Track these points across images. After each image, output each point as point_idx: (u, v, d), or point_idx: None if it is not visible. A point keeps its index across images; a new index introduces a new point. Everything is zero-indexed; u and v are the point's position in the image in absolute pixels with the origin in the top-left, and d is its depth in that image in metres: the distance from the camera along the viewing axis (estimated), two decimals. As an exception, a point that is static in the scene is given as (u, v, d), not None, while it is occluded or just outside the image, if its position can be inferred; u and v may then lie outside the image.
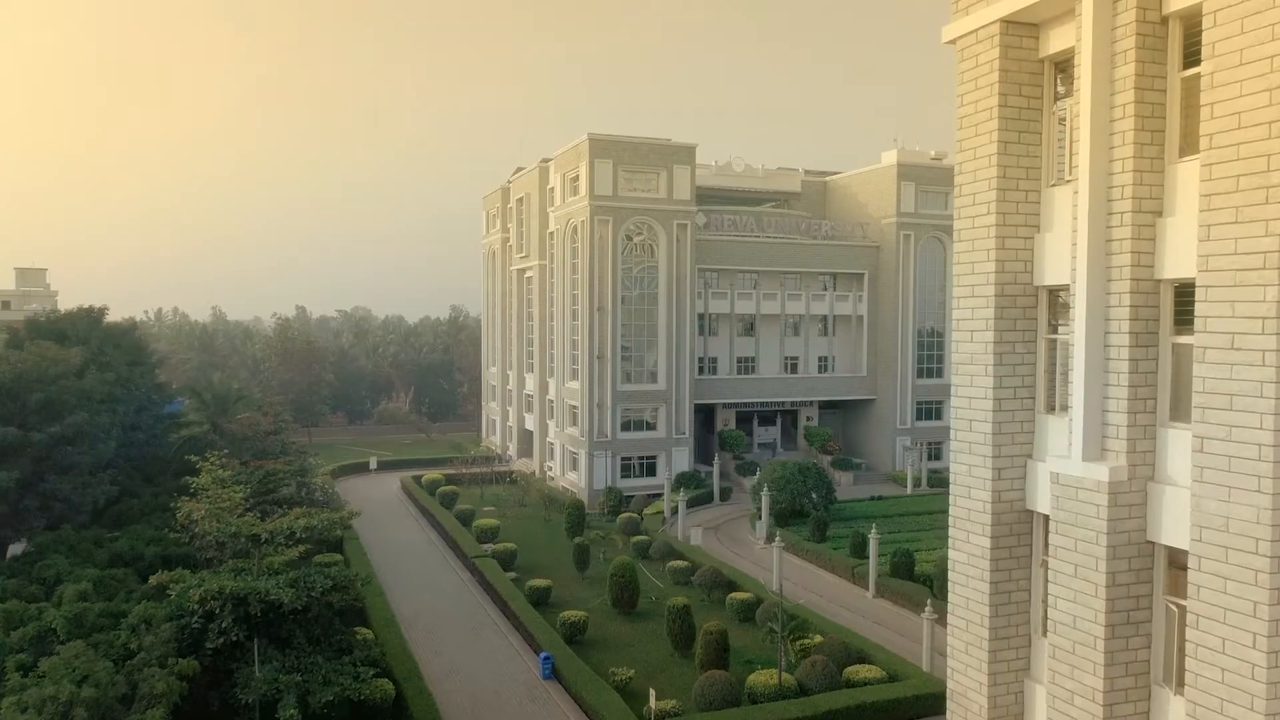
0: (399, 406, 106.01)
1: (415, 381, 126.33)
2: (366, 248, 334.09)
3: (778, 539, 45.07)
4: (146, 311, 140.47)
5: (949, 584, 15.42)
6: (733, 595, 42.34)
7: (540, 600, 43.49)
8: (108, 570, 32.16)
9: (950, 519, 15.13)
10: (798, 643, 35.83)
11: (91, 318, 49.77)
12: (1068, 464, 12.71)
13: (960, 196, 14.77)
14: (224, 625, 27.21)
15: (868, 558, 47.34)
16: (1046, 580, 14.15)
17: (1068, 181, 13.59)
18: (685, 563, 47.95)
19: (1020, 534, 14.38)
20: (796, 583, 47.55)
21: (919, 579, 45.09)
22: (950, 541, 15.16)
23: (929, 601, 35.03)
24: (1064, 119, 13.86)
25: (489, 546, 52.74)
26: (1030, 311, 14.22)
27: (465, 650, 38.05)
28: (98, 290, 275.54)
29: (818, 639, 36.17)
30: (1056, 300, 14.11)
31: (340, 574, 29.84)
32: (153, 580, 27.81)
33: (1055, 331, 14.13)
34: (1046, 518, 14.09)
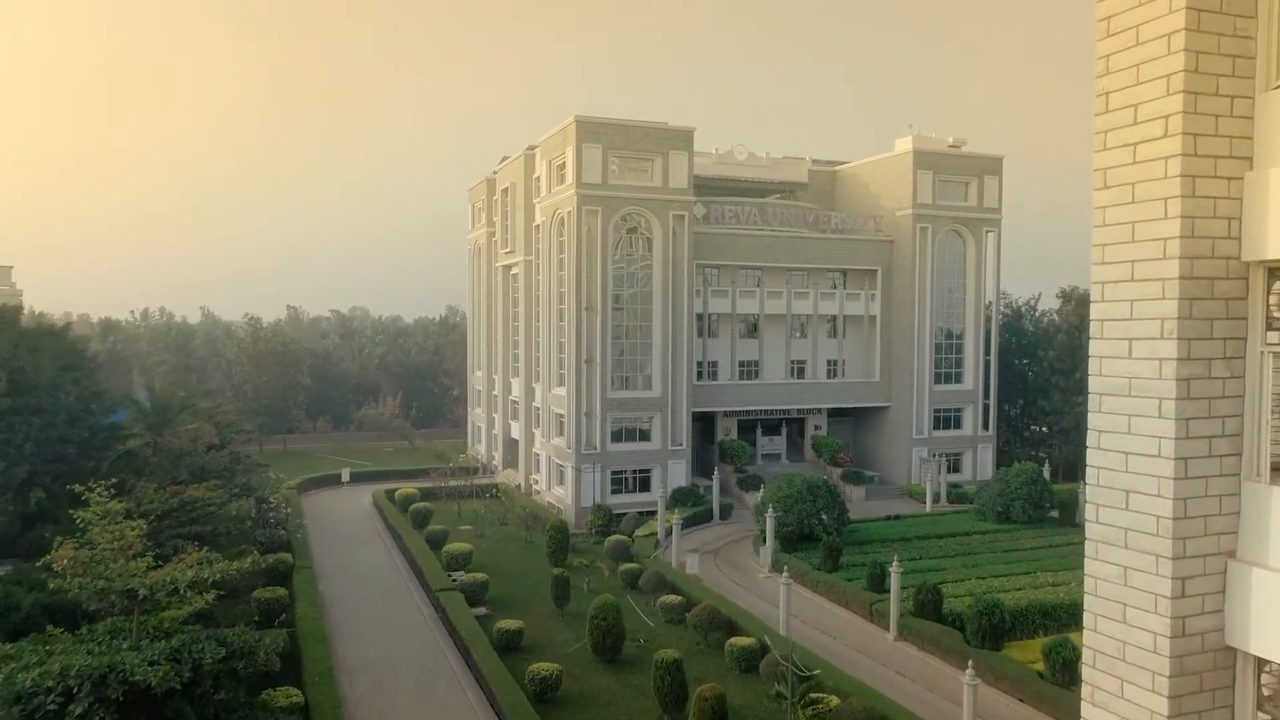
0: (380, 412, 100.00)
1: (403, 385, 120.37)
2: (368, 248, 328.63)
3: (785, 574, 39.07)
4: (132, 311, 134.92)
5: (1081, 759, 9.37)
6: (733, 641, 36.35)
7: (510, 645, 37.56)
8: (-47, 632, 26.26)
9: (1086, 654, 9.12)
10: (809, 708, 29.88)
11: (3, 318, 43.98)
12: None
13: (1106, 114, 8.76)
14: (82, 710, 21.26)
15: (887, 591, 41.39)
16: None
17: (1324, 72, 7.65)
18: (679, 598, 41.96)
19: (1217, 688, 8.39)
20: (806, 620, 41.59)
21: (947, 619, 39.11)
22: (1085, 691, 9.15)
23: (970, 663, 29.00)
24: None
25: (458, 575, 46.83)
26: (1238, 306, 8.23)
27: (414, 713, 32.08)
28: (97, 290, 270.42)
29: (833, 701, 30.18)
30: (1287, 286, 8.14)
31: (240, 639, 23.83)
32: (-23, 658, 21.84)
33: None
34: (1273, 667, 8.15)
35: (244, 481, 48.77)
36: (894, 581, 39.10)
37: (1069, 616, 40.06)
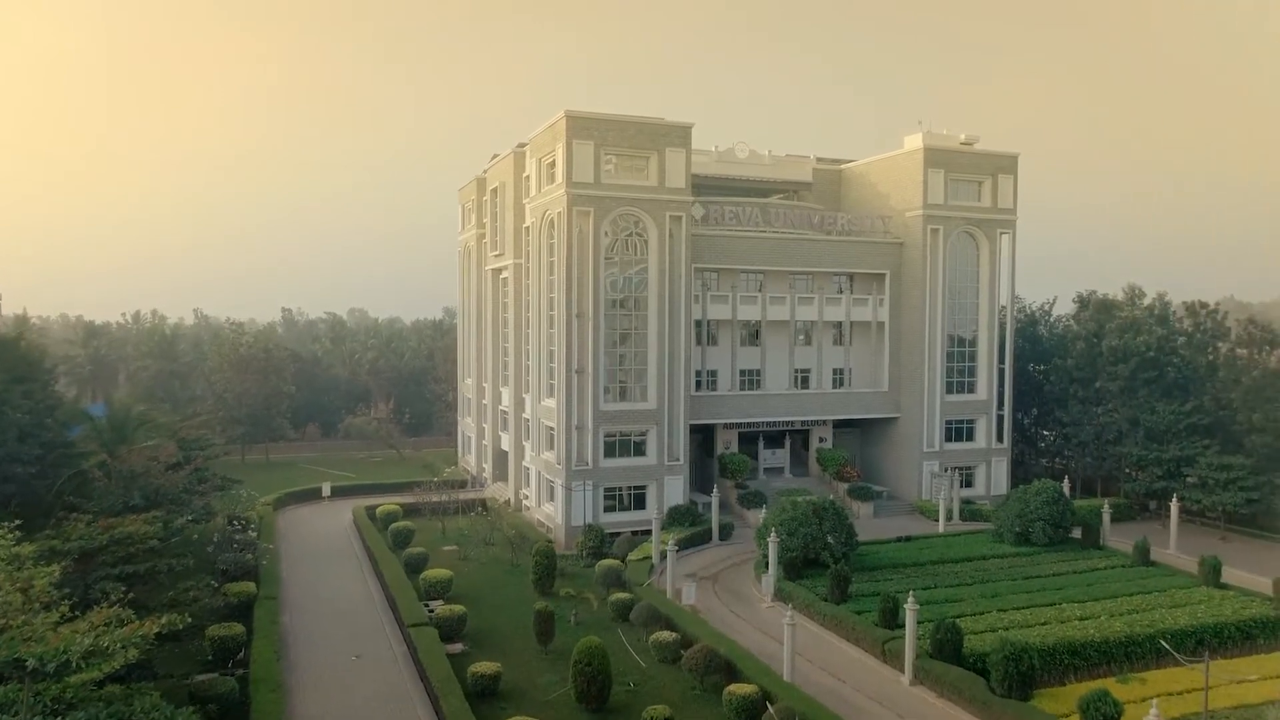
0: (368, 420, 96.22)
1: (395, 390, 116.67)
2: (370, 250, 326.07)
3: (789, 614, 35.39)
4: (124, 314, 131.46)
5: None
6: (732, 689, 32.72)
7: (486, 690, 34.05)
8: None
9: None
10: (819, 778, 26.31)
11: (-65, 330, 40.45)
12: None
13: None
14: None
15: (900, 626, 37.87)
16: None
17: None
18: (673, 634, 38.30)
19: None
20: (813, 659, 38.01)
21: (968, 660, 35.46)
22: None
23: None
24: None
25: (436, 606, 43.28)
26: None
27: (371, 778, 28.53)
28: (96, 292, 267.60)
29: (845, 768, 26.62)
30: None
31: (151, 715, 20.23)
32: None
33: None
34: None
35: (204, 504, 45.18)
36: (909, 621, 35.43)
37: (1100, 656, 36.56)
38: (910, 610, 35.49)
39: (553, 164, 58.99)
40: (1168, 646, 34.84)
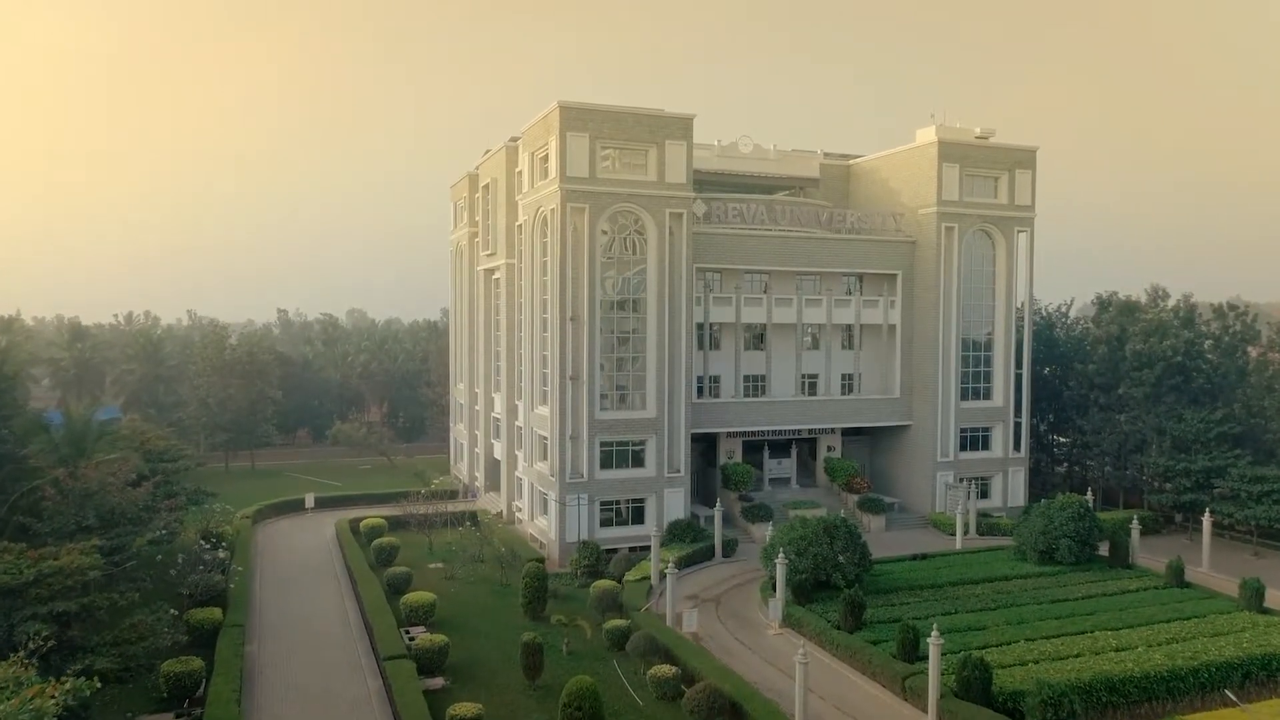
0: (356, 427, 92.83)
1: (388, 394, 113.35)
2: (372, 250, 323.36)
3: (801, 652, 31.97)
4: (116, 315, 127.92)
5: None
6: (737, 735, 29.46)
7: (466, 734, 30.74)
8: None
9: None
10: None
11: None
12: None
13: None
14: None
15: (921, 659, 34.59)
16: None
17: None
18: (673, 669, 34.98)
19: None
20: (826, 696, 34.69)
21: (997, 700, 32.14)
22: None
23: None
24: None
25: (417, 634, 40.00)
26: None
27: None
28: (95, 293, 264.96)
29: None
30: None
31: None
32: None
33: None
34: None
35: (169, 521, 41.83)
36: (933, 656, 32.05)
37: (1140, 693, 33.30)
38: (934, 645, 32.14)
39: (546, 158, 55.70)
40: (1233, 697, 31.48)
